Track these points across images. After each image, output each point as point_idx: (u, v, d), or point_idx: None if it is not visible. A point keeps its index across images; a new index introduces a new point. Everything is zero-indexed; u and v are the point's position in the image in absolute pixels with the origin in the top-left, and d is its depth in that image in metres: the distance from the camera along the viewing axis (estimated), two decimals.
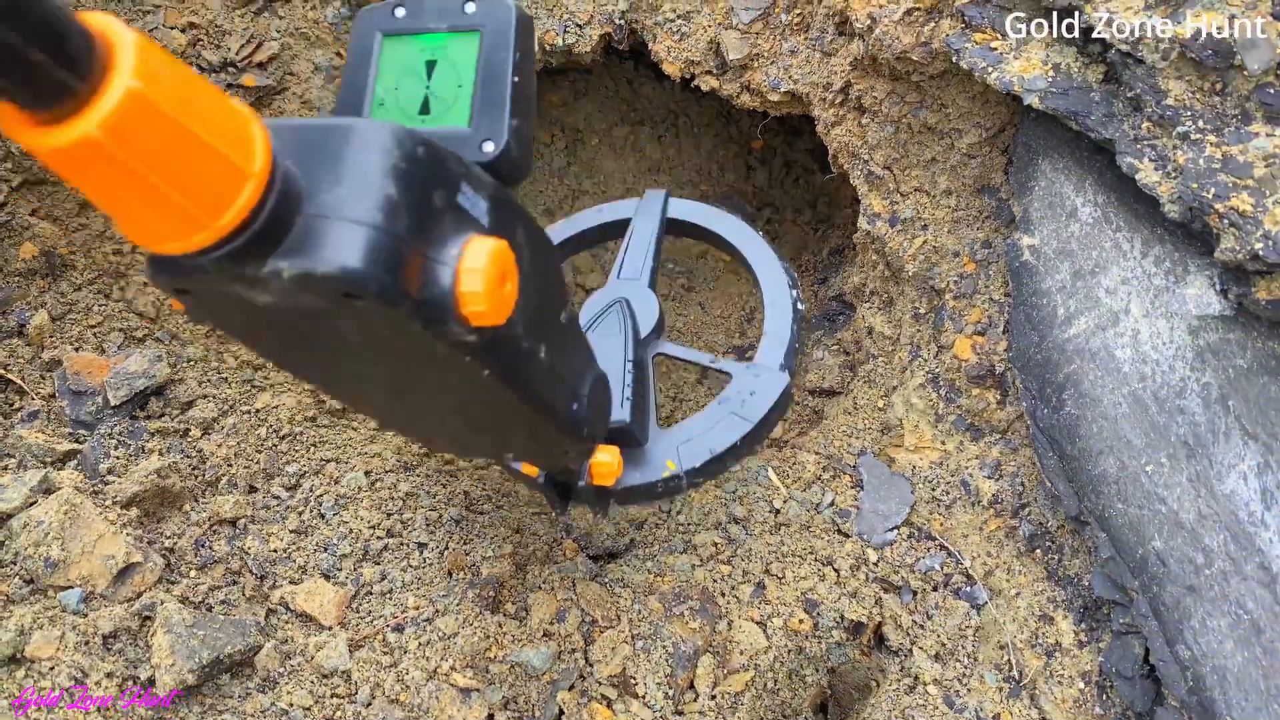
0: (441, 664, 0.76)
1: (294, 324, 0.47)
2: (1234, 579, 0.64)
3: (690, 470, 0.85)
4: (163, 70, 0.33)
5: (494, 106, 0.58)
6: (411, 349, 0.48)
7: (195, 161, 0.36)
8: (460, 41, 0.60)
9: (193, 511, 0.83)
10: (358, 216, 0.41)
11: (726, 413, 0.89)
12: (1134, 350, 0.73)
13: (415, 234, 0.44)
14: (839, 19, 0.91)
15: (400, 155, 0.44)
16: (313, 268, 0.40)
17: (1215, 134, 0.63)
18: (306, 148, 0.43)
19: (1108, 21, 0.67)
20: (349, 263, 0.40)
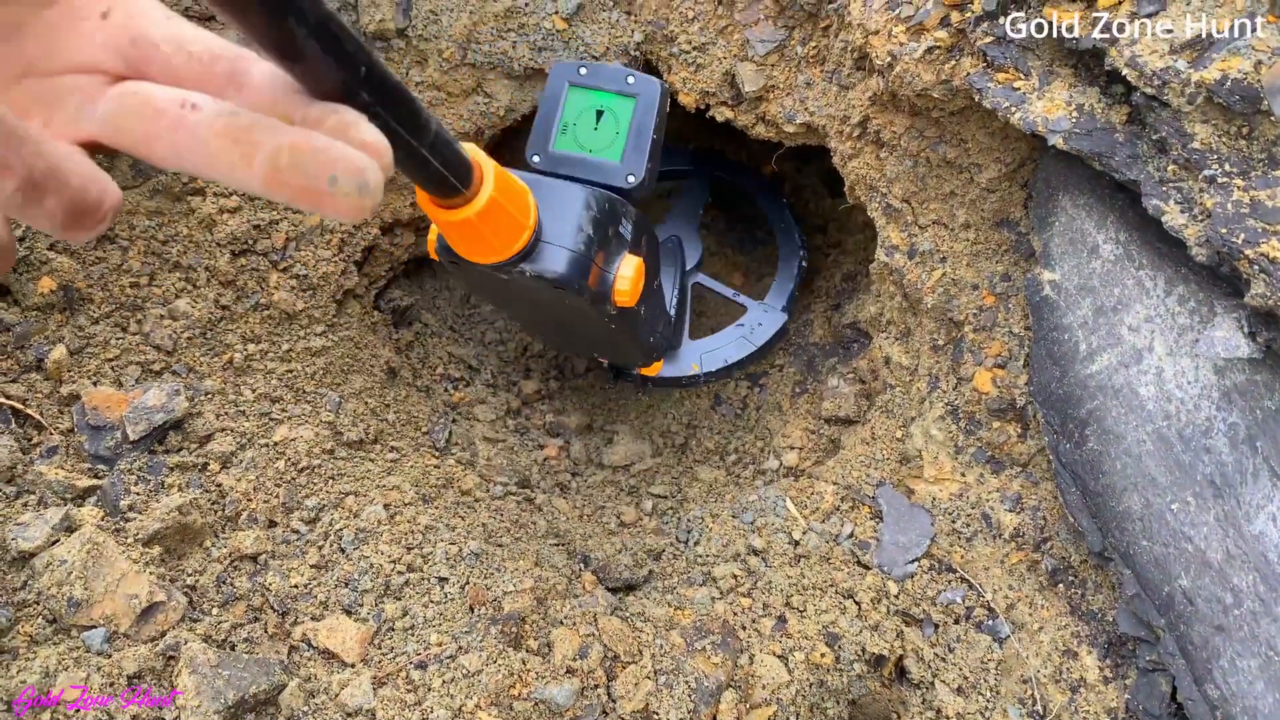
0: (466, 702, 0.76)
1: (520, 292, 0.82)
2: (1264, 620, 0.64)
3: (708, 372, 1.24)
4: (503, 181, 0.58)
5: (638, 152, 0.88)
6: (580, 309, 0.82)
7: (509, 226, 0.63)
8: (622, 101, 0.90)
9: (213, 548, 0.83)
10: (566, 244, 0.73)
11: (739, 335, 1.27)
12: (1158, 388, 0.73)
13: (595, 254, 0.77)
14: (857, 54, 0.92)
15: (591, 207, 0.77)
16: (541, 272, 0.72)
17: (1242, 178, 0.63)
18: (546, 196, 0.73)
19: (1132, 64, 0.67)
20: (559, 270, 0.73)
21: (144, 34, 0.38)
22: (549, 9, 1.08)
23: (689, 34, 1.07)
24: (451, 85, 1.10)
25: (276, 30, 0.31)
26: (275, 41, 0.32)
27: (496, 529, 0.98)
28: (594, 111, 0.90)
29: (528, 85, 1.12)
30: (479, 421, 1.18)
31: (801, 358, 1.29)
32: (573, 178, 0.88)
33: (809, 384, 1.24)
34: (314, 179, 0.33)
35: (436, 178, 0.47)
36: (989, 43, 0.77)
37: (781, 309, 1.29)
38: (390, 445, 1.02)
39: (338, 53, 0.33)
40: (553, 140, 0.90)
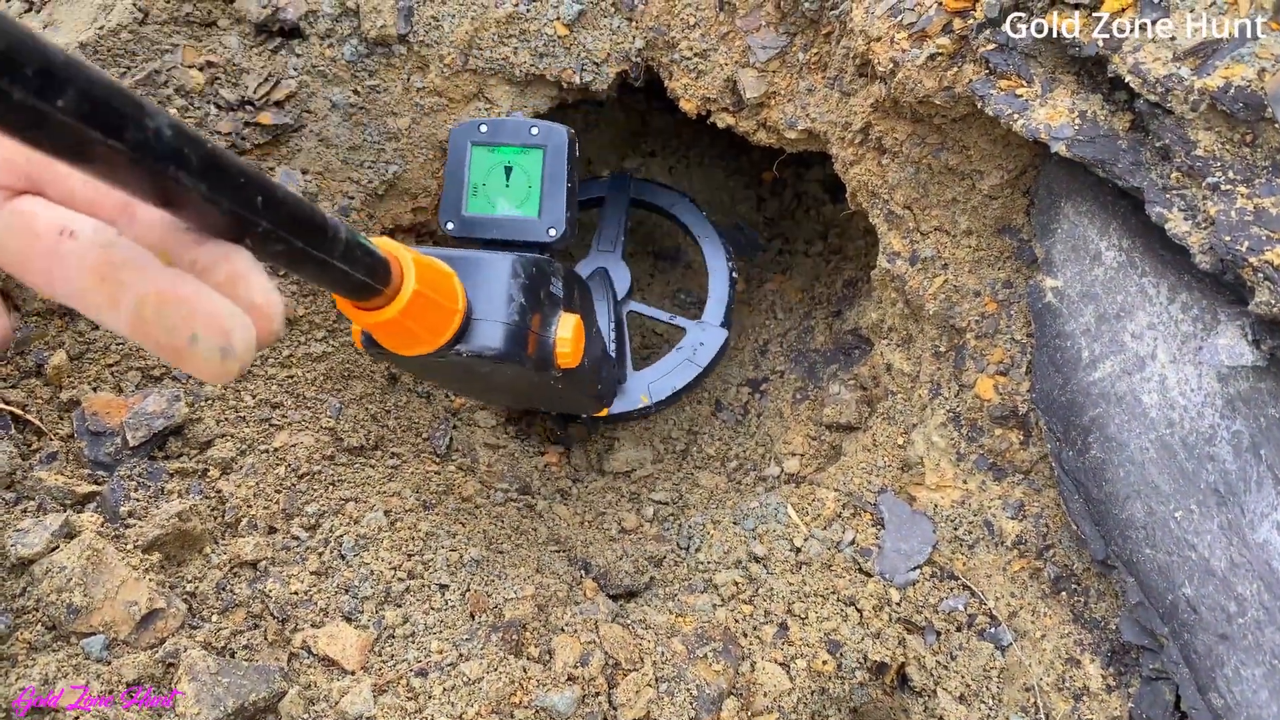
0: (467, 710, 0.76)
1: (458, 369, 0.76)
2: (1269, 629, 0.64)
3: (658, 401, 1.21)
4: (424, 271, 0.55)
5: (555, 203, 0.86)
6: (523, 376, 0.77)
7: (438, 315, 0.60)
8: (529, 154, 0.87)
9: (213, 554, 0.82)
10: (499, 318, 0.70)
11: (683, 359, 1.24)
12: (1161, 396, 0.73)
13: (531, 321, 0.73)
14: (859, 61, 0.92)
15: (519, 274, 0.73)
16: (479, 350, 0.69)
17: (1246, 185, 0.63)
18: (470, 271, 0.69)
19: (1135, 71, 0.67)
20: (496, 346, 0.70)
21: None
22: (550, 15, 1.08)
23: (690, 40, 1.07)
24: (453, 91, 1.10)
25: (158, 182, 0.29)
26: (157, 192, 0.29)
27: (497, 536, 0.98)
28: (502, 168, 0.88)
29: (529, 91, 1.12)
30: (480, 428, 1.18)
31: (803, 364, 1.29)
32: (491, 240, 0.87)
33: (810, 390, 1.24)
34: (174, 334, 0.31)
35: (355, 285, 0.46)
36: (991, 50, 0.77)
37: (720, 324, 1.26)
38: (391, 451, 1.02)
39: (231, 189, 0.31)
40: (464, 204, 0.87)
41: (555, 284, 0.80)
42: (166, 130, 0.28)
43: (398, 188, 1.11)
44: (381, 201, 1.11)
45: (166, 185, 0.29)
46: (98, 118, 0.26)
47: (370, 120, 1.08)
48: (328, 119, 1.05)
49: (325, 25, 1.05)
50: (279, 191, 0.34)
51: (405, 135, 1.10)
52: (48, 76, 0.24)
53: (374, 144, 1.09)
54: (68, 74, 0.24)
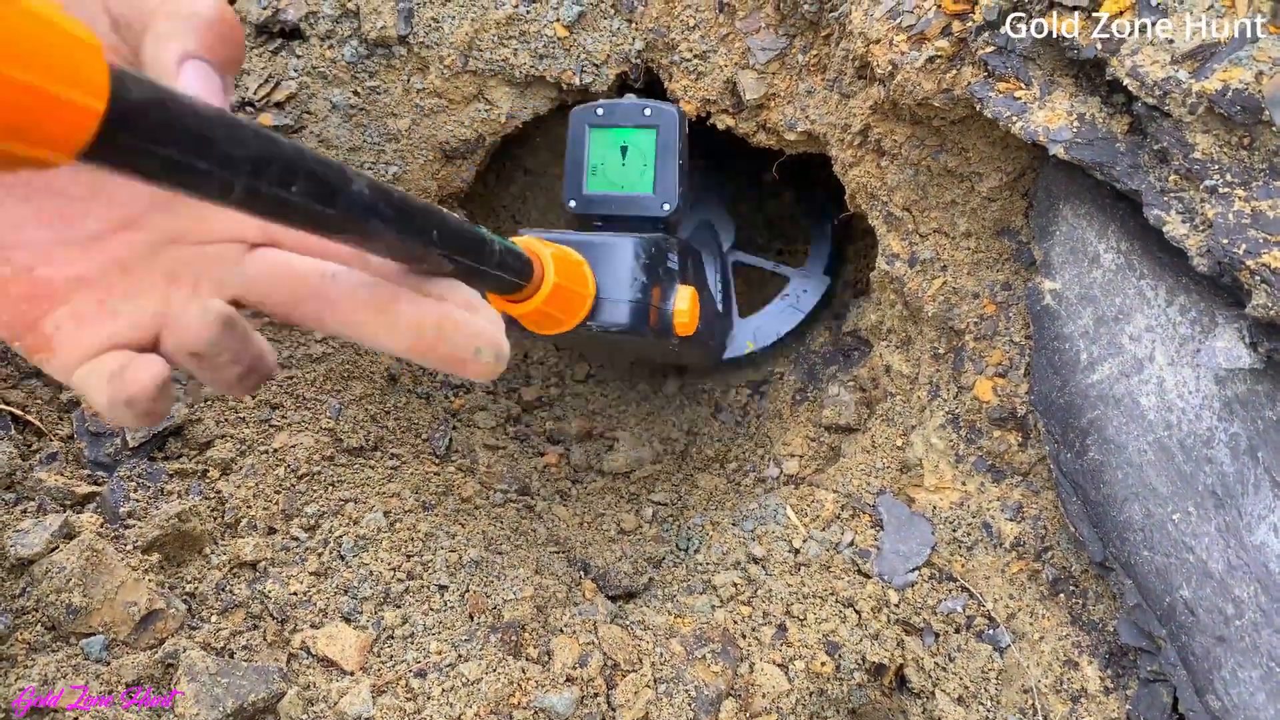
0: (466, 710, 0.76)
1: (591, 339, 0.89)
2: (1265, 631, 0.64)
3: (763, 347, 1.28)
4: (563, 265, 0.62)
5: (669, 180, 0.91)
6: (649, 343, 0.87)
7: (574, 300, 0.68)
8: (643, 134, 0.92)
9: (213, 555, 0.83)
10: (624, 296, 0.79)
11: (786, 306, 1.30)
12: (1159, 398, 0.73)
13: (651, 296, 0.82)
14: (858, 63, 0.92)
15: (640, 255, 0.81)
16: (606, 325, 0.78)
17: (1243, 188, 0.63)
18: (597, 255, 0.77)
19: (1133, 74, 0.67)
20: (622, 321, 0.79)
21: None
22: (550, 17, 1.08)
23: (690, 42, 1.07)
24: (452, 92, 1.10)
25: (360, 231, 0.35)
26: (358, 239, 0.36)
27: (496, 536, 0.98)
28: (619, 148, 0.93)
29: (528, 92, 1.13)
30: (479, 428, 1.18)
31: (802, 366, 1.29)
32: (611, 215, 0.93)
33: (810, 392, 1.24)
34: (461, 350, 0.40)
35: (507, 286, 0.52)
36: (990, 52, 0.78)
37: (823, 273, 1.31)
38: (390, 452, 1.02)
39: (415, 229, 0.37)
40: (585, 183, 0.93)
41: (672, 259, 0.87)
42: (365, 191, 0.34)
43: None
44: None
45: (366, 233, 0.35)
46: (319, 194, 0.31)
47: (370, 121, 1.08)
48: (328, 120, 1.06)
49: (325, 26, 1.05)
50: (450, 221, 0.40)
51: (405, 136, 1.10)
52: (287, 170, 0.30)
53: (374, 145, 1.09)
54: (299, 164, 0.30)
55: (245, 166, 0.28)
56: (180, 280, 0.41)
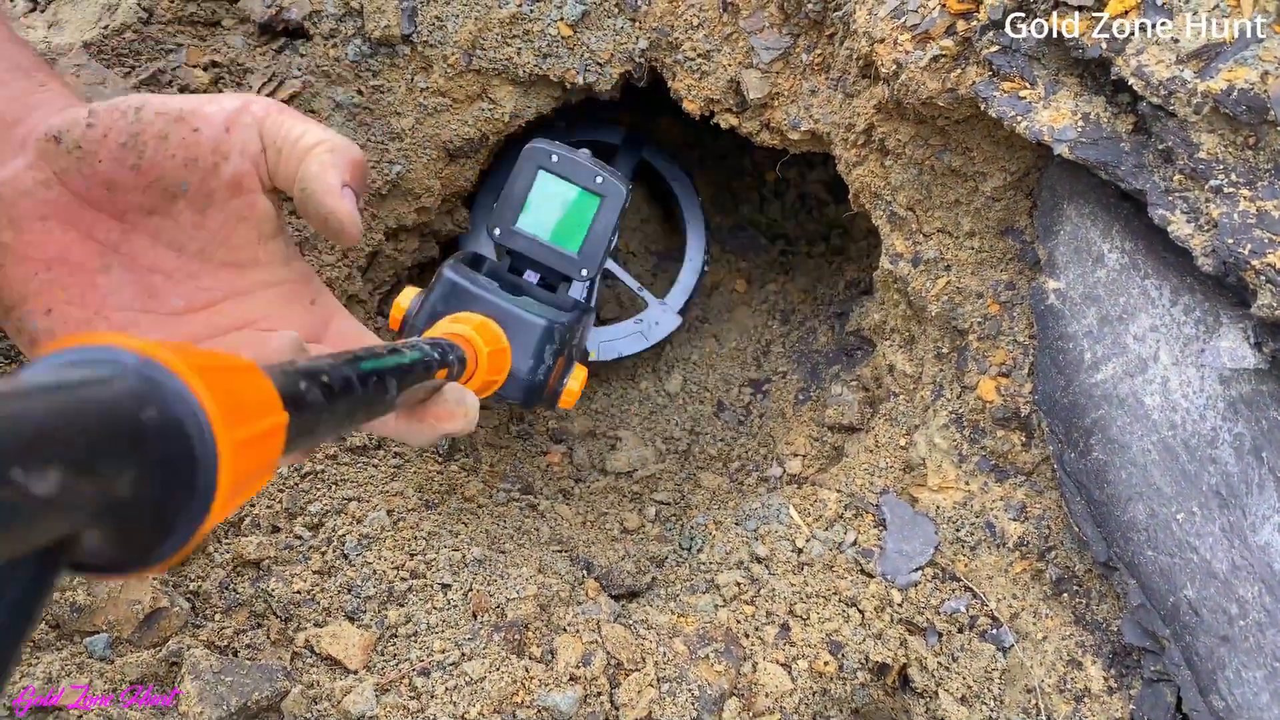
0: (469, 709, 0.76)
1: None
2: (1270, 631, 0.64)
3: (599, 361, 1.31)
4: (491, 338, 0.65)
5: (594, 249, 0.92)
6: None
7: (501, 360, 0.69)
8: (587, 199, 0.93)
9: (216, 553, 0.83)
10: (525, 374, 0.81)
11: (636, 331, 1.33)
12: (1163, 398, 0.73)
13: (550, 377, 0.83)
14: (862, 62, 0.92)
15: (554, 339, 0.83)
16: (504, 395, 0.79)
17: (1248, 188, 0.63)
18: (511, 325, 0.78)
19: (1138, 74, 0.67)
20: (518, 397, 0.81)
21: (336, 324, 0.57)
22: (554, 16, 1.08)
23: (694, 41, 1.07)
24: (456, 91, 1.10)
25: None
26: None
27: (500, 535, 0.98)
28: (560, 200, 0.93)
29: (532, 91, 1.13)
30: (482, 428, 1.18)
31: (805, 365, 1.29)
32: (529, 259, 0.93)
33: (812, 391, 1.24)
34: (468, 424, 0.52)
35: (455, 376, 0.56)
36: (995, 51, 0.77)
37: (678, 311, 1.35)
38: (393, 451, 1.02)
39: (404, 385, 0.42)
40: (516, 218, 0.93)
41: (579, 339, 0.89)
42: (394, 390, 0.39)
43: (401, 188, 1.11)
44: (385, 201, 1.11)
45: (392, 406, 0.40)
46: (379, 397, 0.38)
47: (374, 120, 1.08)
48: (331, 119, 1.06)
49: (329, 25, 1.05)
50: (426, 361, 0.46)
51: (409, 135, 1.10)
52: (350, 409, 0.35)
53: (377, 144, 1.09)
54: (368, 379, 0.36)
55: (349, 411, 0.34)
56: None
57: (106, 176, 0.48)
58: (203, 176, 0.49)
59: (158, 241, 0.51)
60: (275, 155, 0.50)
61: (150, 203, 0.50)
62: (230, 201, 0.51)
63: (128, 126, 0.48)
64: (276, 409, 0.27)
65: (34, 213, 0.47)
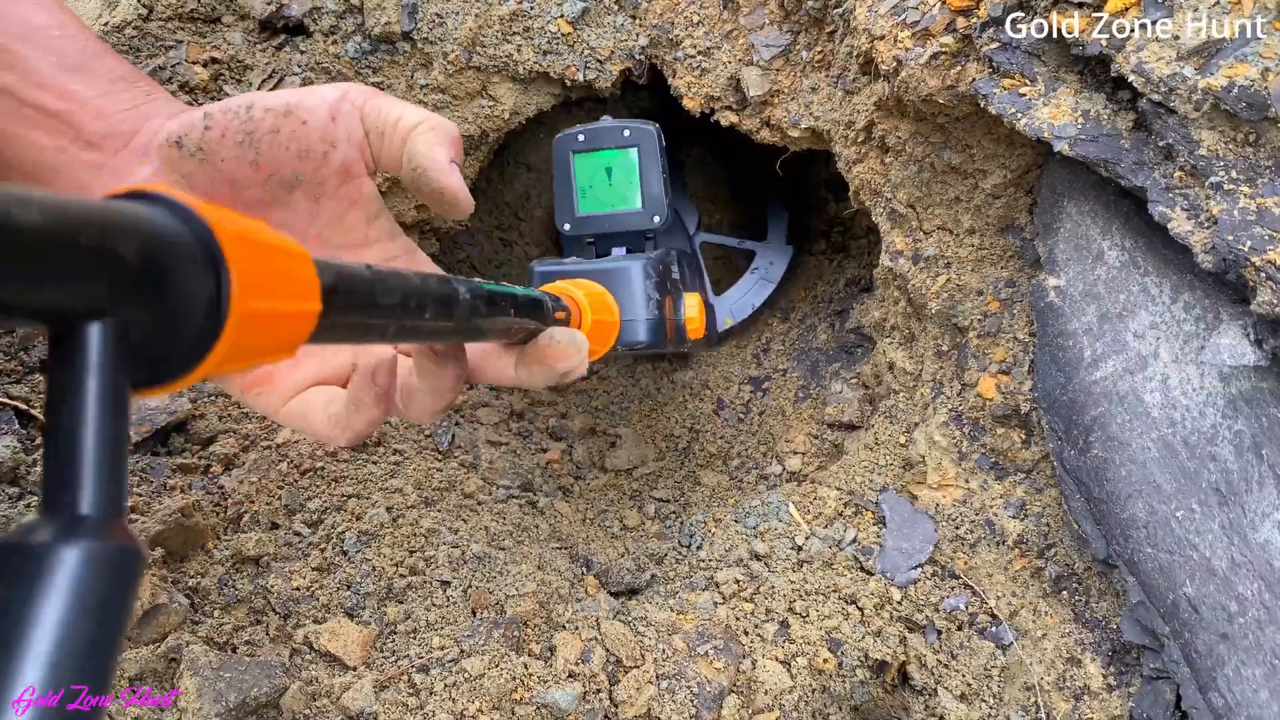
0: (469, 706, 0.76)
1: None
2: (1269, 628, 0.64)
3: (741, 320, 1.36)
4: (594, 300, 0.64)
5: (654, 191, 0.96)
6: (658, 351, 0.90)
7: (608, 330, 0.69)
8: (625, 154, 0.96)
9: (215, 550, 0.83)
10: (641, 316, 0.85)
11: (757, 279, 1.37)
12: (1163, 395, 0.73)
13: (664, 311, 0.87)
14: (862, 59, 0.92)
15: (650, 275, 0.86)
16: (630, 344, 0.85)
17: (1249, 185, 0.63)
18: (613, 281, 0.81)
19: (1138, 70, 0.67)
20: (642, 339, 0.86)
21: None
22: (554, 13, 1.08)
23: (694, 38, 1.07)
24: (456, 88, 1.10)
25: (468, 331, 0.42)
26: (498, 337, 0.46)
27: (499, 532, 0.98)
28: (604, 170, 0.97)
29: (532, 89, 1.13)
30: (482, 425, 1.18)
31: (805, 362, 1.29)
32: (604, 233, 0.98)
33: (812, 389, 1.24)
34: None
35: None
36: (995, 49, 0.77)
37: (785, 242, 1.40)
38: (393, 448, 1.02)
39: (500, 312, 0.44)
40: (576, 207, 0.98)
41: (675, 271, 0.94)
42: (467, 295, 0.39)
43: (402, 185, 1.11)
44: (386, 198, 1.11)
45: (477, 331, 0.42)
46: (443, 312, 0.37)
47: None
48: None
49: (329, 22, 1.05)
50: (519, 294, 0.46)
51: None
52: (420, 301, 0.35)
53: None
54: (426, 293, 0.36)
55: (397, 311, 0.34)
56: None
57: (229, 175, 0.50)
58: (315, 166, 0.52)
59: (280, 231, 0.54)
60: (379, 139, 0.53)
61: (270, 196, 0.52)
62: (341, 188, 0.54)
63: (241, 125, 0.50)
64: (312, 297, 0.29)
65: None
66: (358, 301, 0.31)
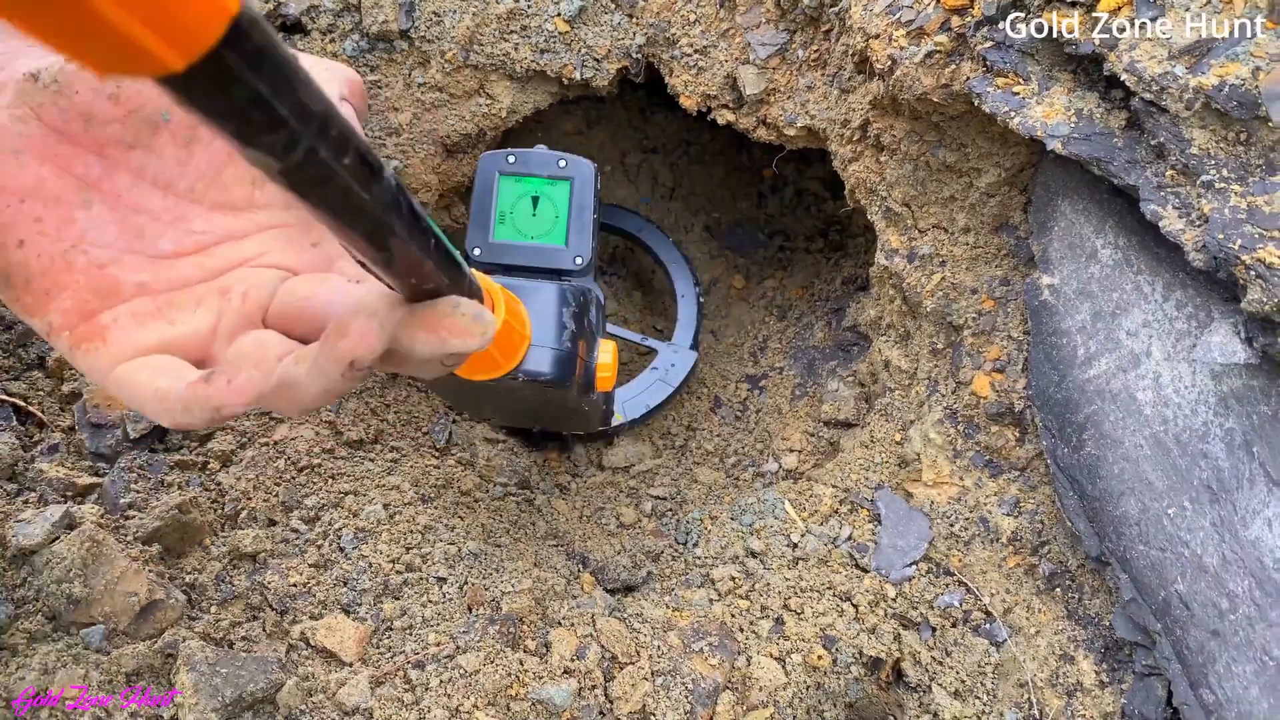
0: (464, 702, 0.76)
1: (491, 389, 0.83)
2: (1259, 625, 0.65)
3: (632, 419, 1.26)
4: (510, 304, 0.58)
5: (582, 233, 0.90)
6: (558, 397, 0.82)
7: (516, 343, 0.60)
8: (556, 186, 0.91)
9: (213, 546, 0.83)
10: (552, 344, 0.77)
11: (655, 379, 1.29)
12: (1155, 393, 0.73)
13: (578, 347, 0.79)
14: (857, 58, 0.92)
15: (569, 303, 0.79)
16: (532, 374, 0.76)
17: (1240, 183, 0.63)
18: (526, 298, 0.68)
19: (1131, 69, 0.68)
20: (547, 371, 0.77)
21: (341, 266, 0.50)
22: (551, 11, 1.08)
23: (691, 37, 1.08)
24: (453, 87, 1.10)
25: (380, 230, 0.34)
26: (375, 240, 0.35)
27: (496, 529, 0.98)
28: (529, 198, 0.91)
29: (529, 87, 1.13)
30: (479, 422, 1.19)
31: (802, 361, 1.29)
32: (518, 266, 0.90)
33: (808, 387, 1.24)
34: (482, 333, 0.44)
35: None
36: (989, 47, 0.78)
37: (690, 347, 1.32)
38: (390, 445, 1.02)
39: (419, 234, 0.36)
40: (491, 231, 0.91)
41: (593, 311, 0.86)
42: (393, 181, 0.32)
43: None
44: None
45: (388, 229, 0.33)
46: (363, 173, 0.30)
47: (371, 115, 1.09)
48: None
49: (327, 20, 1.05)
50: (439, 232, 0.39)
51: (406, 130, 1.10)
52: (343, 139, 0.28)
53: (375, 139, 1.09)
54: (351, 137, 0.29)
55: (314, 123, 0.27)
56: (230, 292, 0.47)
57: (84, 108, 0.47)
58: None
59: (142, 179, 0.49)
60: None
61: (131, 135, 0.48)
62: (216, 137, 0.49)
63: None
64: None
65: (6, 146, 0.46)
66: (277, 65, 0.25)
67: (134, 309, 0.45)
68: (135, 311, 0.45)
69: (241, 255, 0.49)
